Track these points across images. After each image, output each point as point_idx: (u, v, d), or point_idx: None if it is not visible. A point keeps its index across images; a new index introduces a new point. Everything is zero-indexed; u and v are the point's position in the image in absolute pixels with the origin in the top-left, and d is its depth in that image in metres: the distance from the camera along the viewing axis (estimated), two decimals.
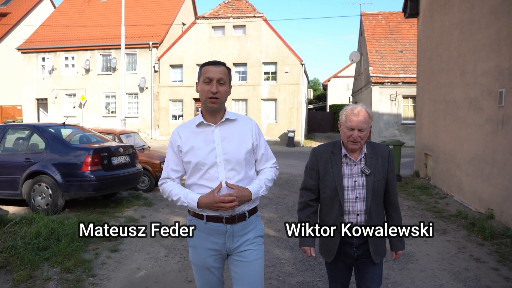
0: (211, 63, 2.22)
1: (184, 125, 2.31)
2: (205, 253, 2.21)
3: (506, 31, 5.96)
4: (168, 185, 2.28)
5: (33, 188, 6.24)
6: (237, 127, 2.27)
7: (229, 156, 2.19)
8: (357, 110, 2.36)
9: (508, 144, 5.89)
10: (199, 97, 2.21)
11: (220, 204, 2.09)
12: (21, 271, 3.91)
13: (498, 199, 6.16)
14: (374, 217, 2.42)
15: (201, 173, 2.19)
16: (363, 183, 2.40)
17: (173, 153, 2.27)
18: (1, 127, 6.78)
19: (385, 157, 2.45)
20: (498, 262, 4.64)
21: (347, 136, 2.37)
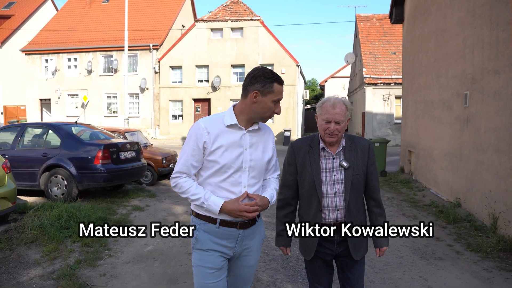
0: (281, 82, 2.16)
1: (212, 120, 2.19)
2: (214, 254, 2.15)
3: (469, 40, 6.73)
4: (184, 181, 2.16)
5: (50, 180, 7.01)
6: (262, 135, 2.26)
7: (254, 163, 2.17)
8: (333, 102, 2.29)
9: (471, 140, 6.66)
10: (257, 107, 2.13)
11: (244, 213, 2.06)
12: (48, 244, 4.68)
13: (463, 189, 6.93)
14: (353, 212, 2.34)
15: (225, 175, 2.12)
16: (342, 177, 2.32)
17: (197, 148, 2.13)
18: (20, 126, 7.56)
19: (365, 150, 2.38)
20: (454, 240, 5.41)
21: (324, 129, 2.30)
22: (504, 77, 5.51)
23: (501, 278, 4.11)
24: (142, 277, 4.03)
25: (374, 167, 2.42)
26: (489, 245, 5.00)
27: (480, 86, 6.30)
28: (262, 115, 2.15)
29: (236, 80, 24.57)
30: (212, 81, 24.42)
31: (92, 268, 4.19)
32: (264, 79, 2.10)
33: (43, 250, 4.57)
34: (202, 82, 25.04)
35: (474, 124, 6.56)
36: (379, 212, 2.46)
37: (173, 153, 10.34)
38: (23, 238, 4.80)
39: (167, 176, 10.25)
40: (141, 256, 4.63)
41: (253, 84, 2.11)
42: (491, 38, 5.93)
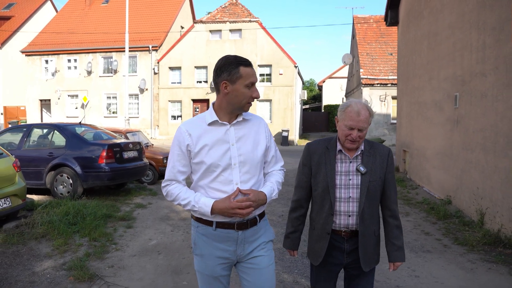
0: (248, 63, 2.04)
1: (193, 122, 2.12)
2: (214, 262, 2.07)
3: (459, 44, 7.02)
4: (174, 187, 2.10)
5: (55, 178, 7.27)
6: (251, 127, 2.13)
7: (244, 157, 2.05)
8: (358, 109, 2.19)
9: (460, 140, 6.94)
10: (231, 97, 2.03)
11: (237, 210, 1.94)
12: (58, 239, 4.94)
13: (454, 187, 7.22)
14: (367, 220, 2.24)
15: (213, 175, 2.03)
16: (358, 182, 2.24)
17: (181, 153, 2.07)
18: (26, 127, 7.82)
19: (384, 157, 2.29)
20: (443, 235, 5.69)
21: (346, 135, 2.21)
22: (490, 80, 5.80)
23: (483, 269, 4.39)
24: (148, 269, 4.29)
25: (392, 175, 2.32)
26: (475, 239, 5.28)
27: (469, 88, 6.59)
28: (240, 104, 2.02)
29: None
30: (211, 82, 24.66)
31: (100, 260, 4.46)
32: (228, 66, 2.01)
33: (53, 244, 4.83)
34: (201, 83, 25.29)
35: (463, 125, 6.84)
36: (395, 223, 2.34)
37: None
38: (34, 233, 5.06)
39: None
40: (146, 250, 4.90)
41: (219, 76, 2.02)
42: (478, 42, 6.21)
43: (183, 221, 6.23)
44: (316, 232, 2.33)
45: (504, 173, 5.34)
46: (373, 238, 2.30)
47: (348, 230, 2.26)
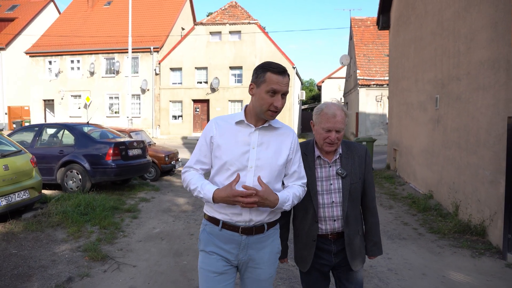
0: (279, 71, 2.00)
1: (224, 117, 2.15)
2: (216, 257, 2.08)
3: (439, 50, 7.58)
4: (189, 173, 2.13)
5: (66, 174, 7.85)
6: (278, 136, 2.10)
7: (261, 162, 2.02)
8: (334, 110, 2.19)
9: (440, 138, 7.51)
10: (255, 101, 2.03)
11: (238, 198, 1.90)
12: (72, 227, 5.51)
13: (435, 182, 7.78)
14: (351, 222, 2.26)
15: (228, 173, 2.03)
16: (339, 186, 2.24)
17: (205, 143, 2.10)
18: (38, 126, 8.39)
19: (362, 157, 2.31)
20: (420, 225, 6.26)
21: (324, 138, 2.20)
22: (463, 84, 6.36)
23: (449, 252, 4.96)
24: (152, 251, 4.86)
25: (371, 174, 2.35)
26: (447, 228, 5.85)
27: (447, 90, 7.15)
28: (260, 109, 2.00)
29: (234, 82, 25.42)
30: (211, 83, 25.24)
31: (110, 244, 5.03)
32: (259, 70, 2.01)
33: (67, 231, 5.40)
34: (201, 84, 25.86)
35: (442, 124, 7.41)
36: (374, 221, 2.39)
37: (174, 151, 11.18)
38: (50, 222, 5.64)
39: (170, 173, 11.11)
40: (150, 236, 5.47)
41: (252, 77, 2.06)
42: (454, 49, 6.78)
43: (184, 213, 6.81)
44: (301, 239, 2.31)
45: (474, 169, 5.91)
46: (358, 237, 2.31)
47: (334, 233, 2.27)
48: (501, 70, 5.07)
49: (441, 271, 4.37)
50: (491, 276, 4.21)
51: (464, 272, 4.32)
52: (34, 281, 3.85)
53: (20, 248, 4.73)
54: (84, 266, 4.27)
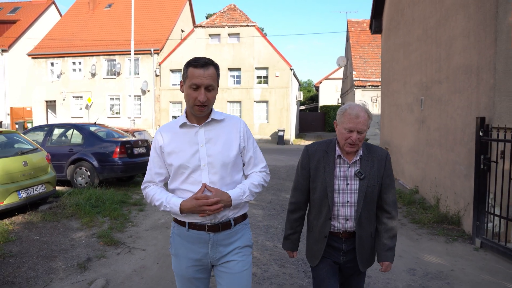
0: (200, 65, 1.99)
1: (167, 125, 2.17)
2: (187, 263, 2.10)
3: (424, 55, 8.14)
4: (150, 189, 2.14)
5: (75, 171, 8.39)
6: (224, 128, 2.12)
7: (213, 158, 2.05)
8: (357, 111, 2.21)
9: (424, 137, 8.07)
10: (184, 99, 2.06)
11: (204, 207, 1.95)
12: (85, 218, 6.06)
13: (420, 178, 8.35)
14: (364, 224, 2.29)
15: (183, 177, 2.05)
16: (356, 187, 2.26)
17: (156, 154, 2.13)
18: (49, 126, 8.94)
19: (382, 161, 2.31)
20: (403, 216, 6.81)
21: (345, 138, 2.22)
22: (443, 87, 6.93)
23: (426, 239, 5.51)
24: (159, 238, 5.41)
25: (391, 179, 2.34)
26: (427, 219, 6.40)
27: (430, 93, 7.71)
28: (188, 105, 2.04)
29: (233, 83, 25.97)
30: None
31: (121, 233, 5.58)
32: (184, 66, 2.04)
33: (81, 221, 5.95)
34: None
35: (426, 124, 7.97)
36: (391, 225, 2.35)
37: None
38: (65, 213, 6.19)
39: None
40: (156, 226, 6.02)
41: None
42: (436, 55, 7.34)
43: None
44: (313, 234, 2.38)
45: (452, 165, 6.47)
46: (370, 240, 2.33)
47: (346, 232, 2.30)
48: (473, 75, 5.63)
49: (416, 254, 4.92)
50: (459, 258, 4.77)
51: (436, 255, 4.88)
52: (58, 261, 4.40)
53: (41, 235, 5.27)
54: (99, 249, 4.82)
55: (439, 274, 4.29)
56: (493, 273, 4.29)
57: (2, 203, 5.57)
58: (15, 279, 3.91)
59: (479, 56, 5.43)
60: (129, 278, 4.06)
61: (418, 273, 4.33)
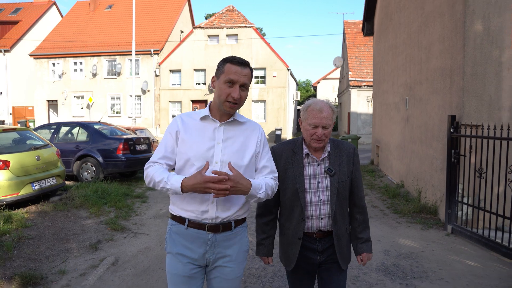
0: (238, 62, 1.97)
1: (188, 113, 2.11)
2: (183, 262, 2.02)
3: (408, 57, 8.69)
4: (152, 168, 2.01)
5: (81, 166, 8.93)
6: (244, 131, 2.08)
7: (227, 157, 1.98)
8: (320, 106, 2.18)
9: (409, 135, 8.61)
10: (215, 94, 2.02)
11: (209, 184, 1.80)
12: (92, 208, 6.60)
13: (405, 173, 8.90)
14: (339, 220, 2.25)
15: (193, 169, 1.96)
16: (327, 184, 2.22)
17: (171, 138, 2.04)
18: (56, 124, 9.48)
19: (350, 155, 2.29)
20: (387, 208, 7.36)
21: (311, 134, 2.19)
22: (424, 87, 7.47)
23: (404, 226, 6.06)
24: (161, 226, 5.95)
25: (359, 172, 2.34)
26: (408, 209, 6.95)
27: (413, 93, 8.26)
28: (219, 100, 1.98)
29: None
30: (209, 84, 26.34)
31: (126, 221, 6.12)
32: (220, 63, 2.02)
33: (89, 211, 6.49)
34: (200, 85, 26.96)
35: (410, 122, 8.52)
36: (362, 219, 2.36)
37: None
38: (74, 204, 6.73)
39: None
40: (158, 215, 6.56)
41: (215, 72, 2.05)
42: (418, 58, 7.88)
43: None
44: (287, 237, 2.31)
45: (430, 159, 7.01)
46: (346, 236, 2.32)
47: (320, 231, 2.25)
48: (447, 77, 6.18)
49: (393, 238, 5.47)
50: (431, 242, 5.31)
51: (411, 239, 5.42)
52: (72, 242, 4.95)
53: (54, 222, 5.82)
54: (108, 234, 5.37)
55: (411, 254, 4.83)
56: (458, 253, 4.84)
57: (18, 194, 6.10)
58: (36, 256, 4.45)
59: (452, 60, 5.98)
60: (135, 256, 4.60)
61: (392, 254, 4.87)
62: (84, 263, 4.34)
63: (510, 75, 5.39)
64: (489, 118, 5.45)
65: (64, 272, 4.07)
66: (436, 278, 4.09)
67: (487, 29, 5.40)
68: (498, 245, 4.79)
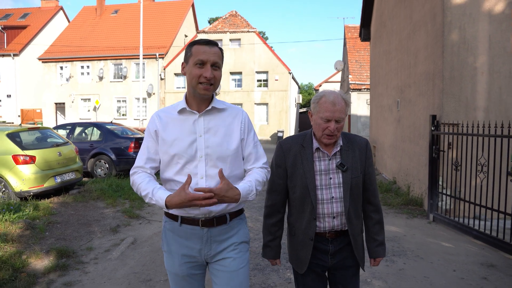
0: (204, 42, 1.87)
1: (165, 109, 2.01)
2: (180, 260, 1.96)
3: (400, 62, 9.33)
4: (138, 176, 1.94)
5: (95, 164, 9.60)
6: (225, 118, 1.97)
7: (211, 150, 1.90)
8: (334, 98, 2.01)
9: (400, 134, 9.24)
10: (187, 80, 1.90)
11: (195, 202, 1.70)
12: (108, 199, 7.26)
13: (397, 170, 9.52)
14: (353, 219, 2.09)
15: (178, 167, 1.89)
16: (339, 180, 2.07)
17: (151, 139, 1.95)
18: (71, 125, 10.18)
19: (363, 150, 2.15)
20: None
21: (323, 129, 2.03)
22: (412, 90, 8.11)
23: (391, 216, 6.69)
24: None
25: (372, 168, 2.19)
26: (397, 202, 7.58)
27: (404, 95, 8.90)
28: (191, 85, 1.88)
29: (234, 86, 27.23)
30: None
31: (140, 210, 6.78)
32: (187, 47, 1.92)
33: (106, 202, 7.15)
34: None
35: (401, 123, 9.15)
36: (378, 218, 2.22)
37: None
38: (91, 196, 7.39)
39: None
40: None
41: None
42: (408, 62, 8.53)
43: None
44: (297, 238, 2.15)
45: (417, 156, 7.64)
46: (361, 236, 2.18)
47: (333, 231, 2.10)
48: (430, 81, 6.82)
49: None
50: (414, 228, 5.94)
51: (396, 226, 6.05)
52: (94, 226, 5.62)
53: (76, 210, 6.49)
54: (125, 220, 6.03)
55: (394, 238, 5.46)
56: (435, 237, 5.47)
57: (43, 186, 6.78)
58: (65, 237, 5.12)
59: (434, 65, 6.62)
60: (151, 238, 5.26)
61: None
62: (107, 242, 5.00)
63: (484, 79, 6.03)
64: (466, 117, 6.08)
65: (91, 248, 4.74)
66: (412, 256, 4.72)
67: (463, 38, 6.04)
68: (470, 229, 5.42)
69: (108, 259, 4.43)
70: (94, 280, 3.86)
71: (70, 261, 4.30)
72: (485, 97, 6.06)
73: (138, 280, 3.89)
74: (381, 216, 2.25)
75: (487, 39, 6.02)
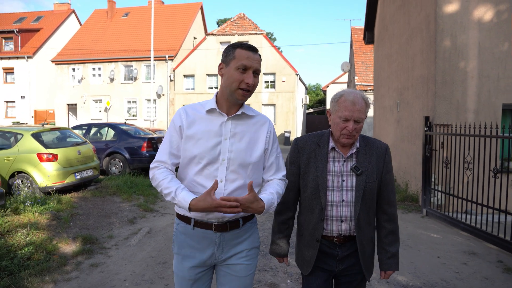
0: (247, 47, 1.82)
1: (193, 105, 1.94)
2: (191, 263, 1.92)
3: (399, 66, 9.76)
4: (160, 172, 1.87)
5: (110, 162, 10.16)
6: (252, 125, 1.93)
7: (235, 155, 1.85)
8: (353, 97, 1.94)
9: (399, 134, 9.67)
10: (224, 81, 1.85)
11: (220, 209, 1.68)
12: (124, 195, 7.79)
13: (396, 169, 9.94)
14: (363, 225, 2.01)
15: (198, 167, 1.84)
16: (352, 183, 1.99)
17: (176, 134, 1.89)
18: (87, 125, 10.76)
19: (381, 155, 2.05)
20: None
21: (341, 129, 1.96)
22: (410, 92, 8.54)
23: None
24: None
25: (391, 175, 2.10)
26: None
27: (403, 97, 9.33)
28: (230, 89, 1.83)
29: None
30: None
31: (153, 204, 7.30)
32: (228, 48, 1.88)
33: (122, 197, 7.69)
34: (213, 89, 28.23)
35: (401, 123, 9.58)
36: (391, 228, 2.12)
37: None
38: (108, 192, 7.94)
39: None
40: None
41: (221, 58, 1.91)
42: (406, 66, 8.96)
43: None
44: (304, 238, 2.13)
45: (414, 155, 8.08)
46: (371, 245, 2.10)
47: (341, 236, 2.04)
48: (425, 84, 7.26)
49: None
50: (407, 222, 6.39)
51: None
52: (113, 218, 6.15)
53: (95, 204, 7.03)
54: (140, 213, 6.56)
55: None
56: (426, 229, 5.91)
57: (64, 182, 7.34)
58: (88, 227, 5.66)
59: (428, 69, 7.06)
60: (165, 228, 5.78)
61: None
62: (126, 232, 5.53)
63: (474, 82, 6.46)
64: (457, 118, 6.52)
65: (111, 236, 5.27)
66: (403, 245, 5.18)
67: (454, 45, 6.48)
68: (458, 222, 5.86)
69: (128, 246, 4.95)
70: (117, 262, 4.38)
71: (94, 247, 4.83)
72: (475, 100, 6.49)
73: (155, 262, 4.41)
74: (396, 227, 2.13)
75: (476, 46, 6.45)
